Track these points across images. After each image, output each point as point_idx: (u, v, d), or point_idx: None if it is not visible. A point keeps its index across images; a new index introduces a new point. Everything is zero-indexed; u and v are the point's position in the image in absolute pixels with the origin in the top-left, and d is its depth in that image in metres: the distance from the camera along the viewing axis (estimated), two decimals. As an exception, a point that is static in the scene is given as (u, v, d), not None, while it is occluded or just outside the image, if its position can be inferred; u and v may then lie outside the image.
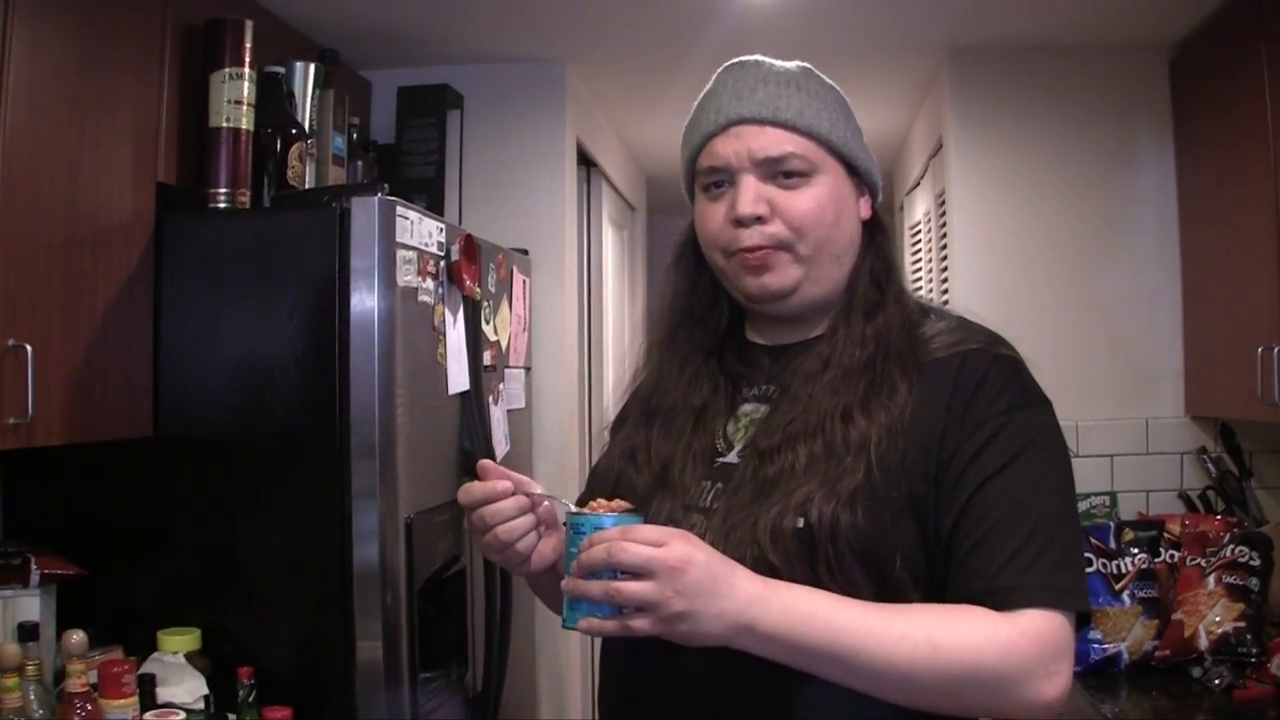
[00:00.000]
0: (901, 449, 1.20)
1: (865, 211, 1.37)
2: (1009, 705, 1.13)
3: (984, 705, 1.15)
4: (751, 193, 1.28)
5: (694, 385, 1.37)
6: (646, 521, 1.18)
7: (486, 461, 1.30)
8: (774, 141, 1.29)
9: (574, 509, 1.25)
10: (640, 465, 1.34)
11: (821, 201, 1.30)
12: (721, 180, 1.32)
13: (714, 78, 1.38)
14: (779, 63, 1.36)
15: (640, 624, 1.09)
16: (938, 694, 1.13)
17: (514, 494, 1.26)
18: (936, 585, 1.19)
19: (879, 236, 1.38)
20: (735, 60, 1.37)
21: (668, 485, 1.30)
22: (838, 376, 1.27)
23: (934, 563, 1.20)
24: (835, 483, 1.18)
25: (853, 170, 1.35)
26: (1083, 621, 1.20)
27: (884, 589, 1.17)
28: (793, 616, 1.11)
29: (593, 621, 1.11)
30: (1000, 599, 1.14)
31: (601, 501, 1.23)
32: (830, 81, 1.38)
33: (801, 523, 1.18)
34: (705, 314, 1.40)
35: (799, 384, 1.30)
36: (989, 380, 1.23)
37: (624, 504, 1.24)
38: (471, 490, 1.27)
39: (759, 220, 1.28)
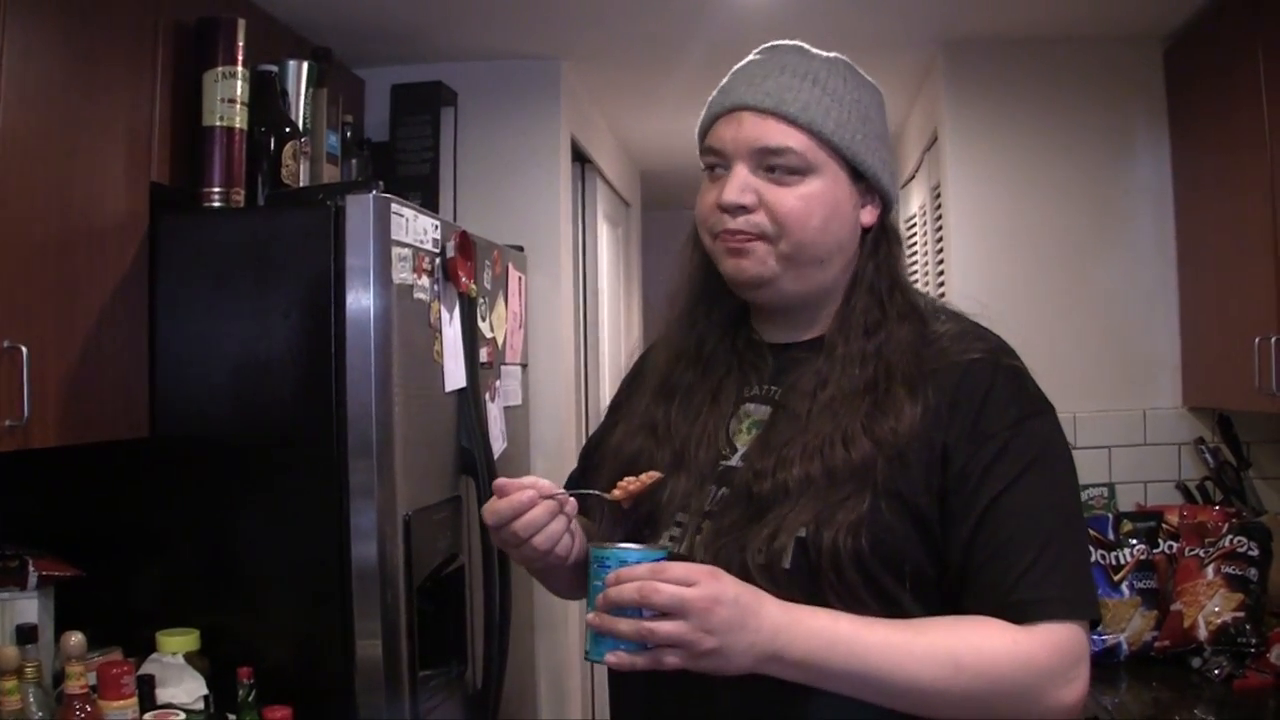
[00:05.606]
0: (905, 468, 1.20)
1: (868, 219, 1.33)
2: (1032, 713, 1.15)
3: (1008, 714, 1.16)
4: (740, 181, 1.28)
5: (710, 365, 1.37)
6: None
7: (502, 479, 1.26)
8: (771, 133, 1.27)
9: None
10: (662, 440, 1.34)
11: (809, 201, 1.27)
12: (718, 164, 1.32)
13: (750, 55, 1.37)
14: (815, 52, 1.34)
15: (671, 660, 1.09)
16: (962, 708, 1.15)
17: (539, 500, 1.24)
18: (943, 594, 1.20)
19: (884, 246, 1.34)
20: (772, 43, 1.36)
21: (684, 465, 1.31)
22: (838, 397, 1.25)
23: (941, 572, 1.20)
24: (835, 509, 1.18)
25: (858, 174, 1.31)
26: (1093, 624, 1.21)
27: (889, 602, 1.18)
28: (818, 643, 1.12)
29: (621, 656, 1.11)
30: (1018, 613, 1.15)
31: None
32: (869, 81, 1.35)
33: (797, 545, 1.18)
34: (720, 292, 1.38)
35: (796, 400, 1.28)
36: (995, 393, 1.23)
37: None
38: (498, 509, 1.23)
39: (743, 209, 1.28)
